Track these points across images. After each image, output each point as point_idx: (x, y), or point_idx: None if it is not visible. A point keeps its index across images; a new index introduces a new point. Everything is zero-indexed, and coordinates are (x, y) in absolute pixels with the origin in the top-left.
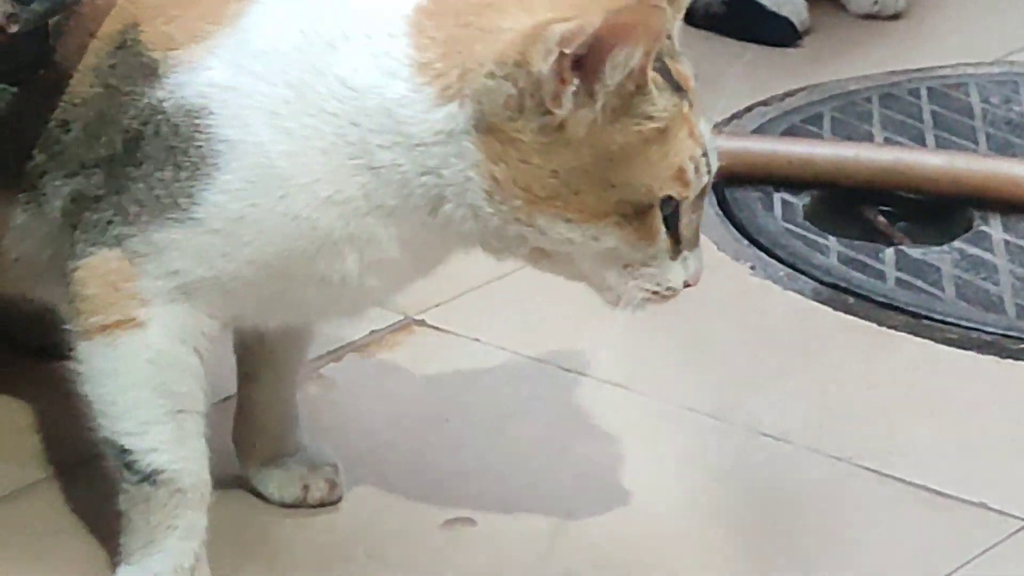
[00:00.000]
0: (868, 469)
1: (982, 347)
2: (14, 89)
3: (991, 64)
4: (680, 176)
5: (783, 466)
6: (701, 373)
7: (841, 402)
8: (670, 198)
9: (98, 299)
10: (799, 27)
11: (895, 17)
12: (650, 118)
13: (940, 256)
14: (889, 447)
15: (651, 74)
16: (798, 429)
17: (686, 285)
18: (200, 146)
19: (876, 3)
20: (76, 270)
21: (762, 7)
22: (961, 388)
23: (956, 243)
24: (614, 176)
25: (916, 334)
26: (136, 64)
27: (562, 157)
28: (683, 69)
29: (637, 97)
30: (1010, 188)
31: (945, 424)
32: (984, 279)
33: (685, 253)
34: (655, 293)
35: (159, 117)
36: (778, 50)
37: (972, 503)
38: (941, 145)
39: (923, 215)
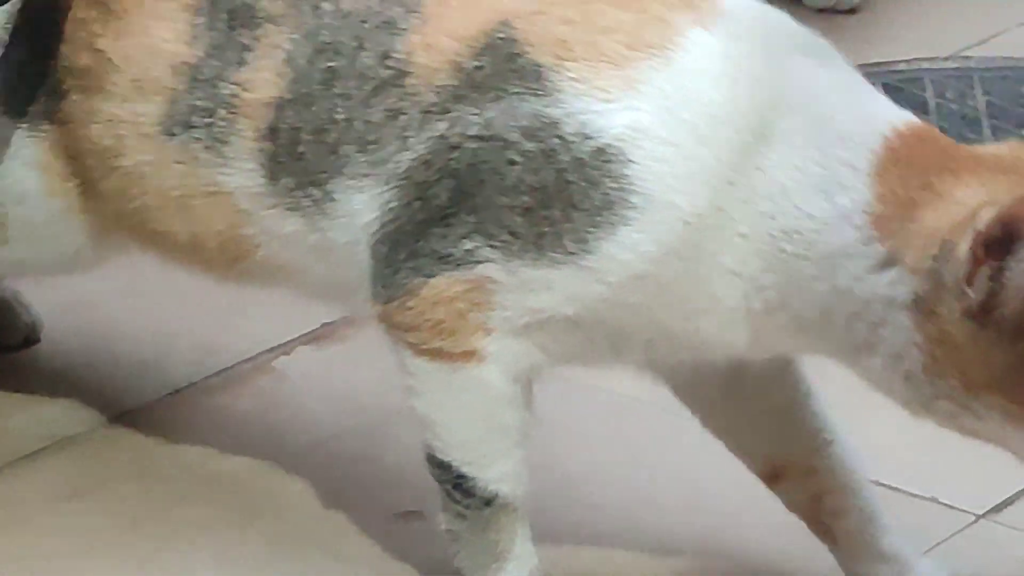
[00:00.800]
0: None
1: None
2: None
3: (946, 59)
4: None
5: (738, 461)
6: None
7: None
8: None
9: (443, 324)
10: None
11: (851, 12)
12: None
13: None
14: None
15: None
16: None
17: None
18: (608, 193)
19: None
20: (419, 288)
21: None
22: None
23: None
24: None
25: None
26: (512, 65)
27: (996, 347)
28: None
29: None
30: None
31: (896, 419)
32: None
33: None
34: None
35: (553, 141)
36: None
37: (923, 498)
38: None
39: None
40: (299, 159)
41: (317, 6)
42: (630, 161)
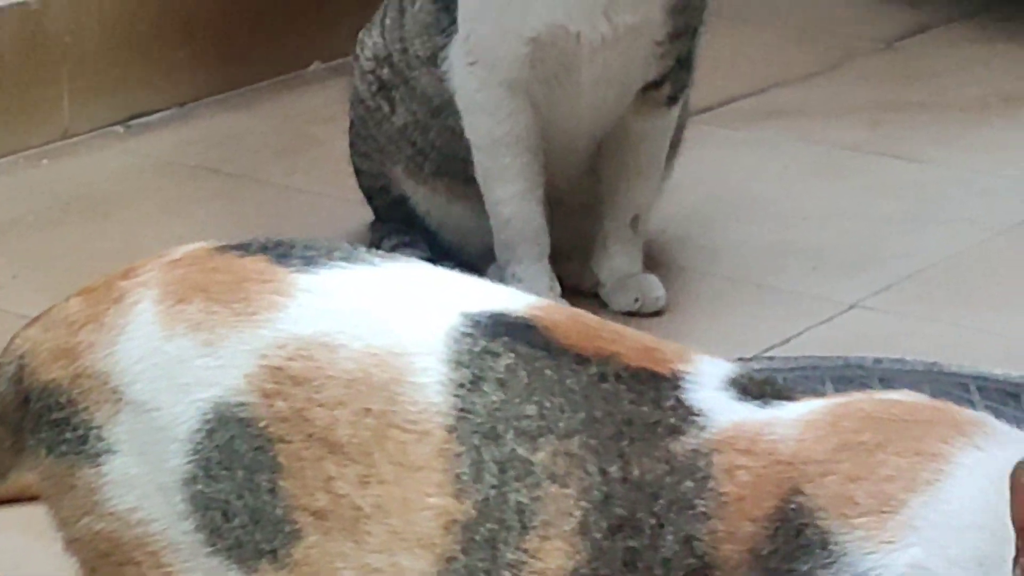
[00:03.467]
0: None
1: None
2: None
3: (751, 359)
4: None
5: None
6: None
7: None
8: None
9: None
10: None
11: (657, 314)
12: None
13: None
14: None
15: None
16: None
17: None
18: None
19: (637, 300)
20: None
21: None
22: None
23: None
24: None
25: None
26: (802, 540)
27: None
28: None
29: None
30: None
31: None
32: None
33: None
34: None
35: None
36: None
37: None
38: None
39: None
40: None
41: (604, 470)
42: None
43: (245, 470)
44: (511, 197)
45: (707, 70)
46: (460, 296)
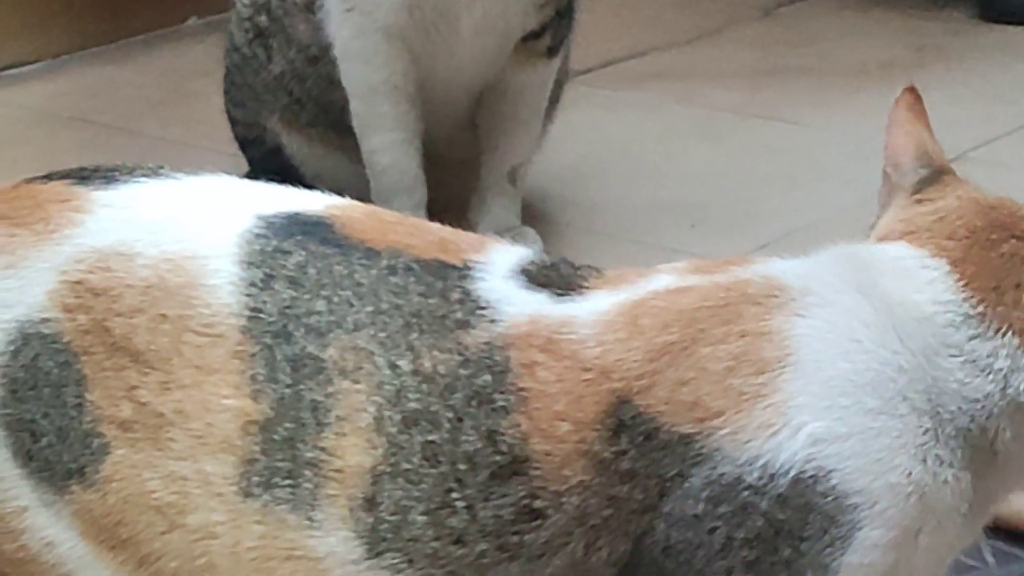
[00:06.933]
0: None
1: None
2: None
3: None
4: None
5: None
6: None
7: None
8: None
9: None
10: None
11: None
12: None
13: None
14: None
15: None
16: None
17: None
18: (824, 511)
19: None
20: None
21: None
22: None
23: None
24: None
25: None
26: (657, 444)
27: None
28: None
29: None
30: None
31: None
32: None
33: None
34: None
35: (750, 501)
36: None
37: None
38: None
39: None
40: (412, 540)
41: (394, 363)
42: (831, 471)
43: (51, 387)
44: (388, 146)
45: (588, 32)
46: (258, 200)
